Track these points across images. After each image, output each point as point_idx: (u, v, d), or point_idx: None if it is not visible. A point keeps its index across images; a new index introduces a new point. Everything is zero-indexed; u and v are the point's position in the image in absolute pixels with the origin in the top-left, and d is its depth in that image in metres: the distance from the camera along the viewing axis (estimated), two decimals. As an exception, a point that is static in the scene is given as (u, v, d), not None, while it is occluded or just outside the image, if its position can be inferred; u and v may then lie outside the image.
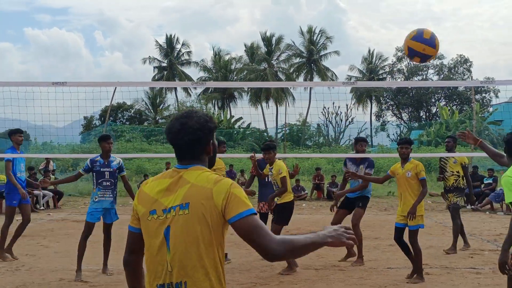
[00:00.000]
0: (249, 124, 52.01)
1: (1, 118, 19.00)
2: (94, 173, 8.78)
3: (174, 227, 2.75)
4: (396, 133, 63.67)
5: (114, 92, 23.33)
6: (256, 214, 2.72)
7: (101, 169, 8.77)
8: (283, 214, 9.11)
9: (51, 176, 21.07)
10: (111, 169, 8.84)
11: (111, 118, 52.48)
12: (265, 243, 2.62)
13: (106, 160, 8.88)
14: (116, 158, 9.08)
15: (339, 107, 59.74)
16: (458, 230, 10.74)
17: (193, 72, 79.86)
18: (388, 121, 69.47)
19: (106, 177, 8.78)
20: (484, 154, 6.24)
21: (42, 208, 19.16)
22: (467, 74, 65.48)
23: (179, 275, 2.74)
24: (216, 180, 2.78)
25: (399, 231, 8.35)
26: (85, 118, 59.08)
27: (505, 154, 5.51)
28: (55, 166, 22.87)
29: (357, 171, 9.60)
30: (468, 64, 67.15)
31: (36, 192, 18.88)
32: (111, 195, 8.84)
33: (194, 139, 2.87)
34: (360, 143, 10.35)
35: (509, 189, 4.96)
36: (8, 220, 9.96)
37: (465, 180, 11.06)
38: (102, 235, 8.67)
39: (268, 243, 2.62)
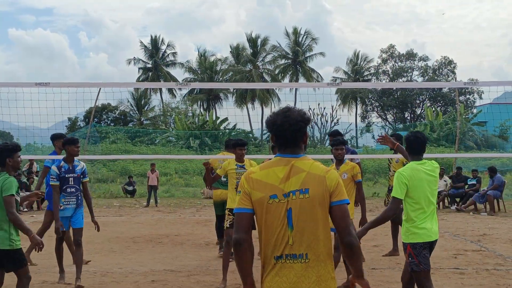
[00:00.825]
0: (235, 125, 51.94)
1: (-17, 119, 18.86)
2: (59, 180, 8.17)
3: (296, 208, 3.34)
4: (381, 134, 63.89)
5: (99, 93, 23.33)
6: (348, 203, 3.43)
7: (66, 175, 8.17)
8: None
9: (34, 177, 20.94)
10: (75, 175, 8.25)
11: (95, 119, 52.26)
12: (349, 228, 3.34)
13: (71, 164, 8.25)
14: (80, 163, 8.41)
15: (324, 108, 60.00)
16: (397, 230, 10.24)
17: (178, 73, 79.74)
18: (373, 122, 69.78)
19: (70, 183, 8.20)
20: (468, 155, 6.31)
21: (25, 209, 19.00)
22: (451, 76, 65.83)
23: (301, 248, 3.33)
24: (326, 169, 3.46)
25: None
26: (69, 119, 58.79)
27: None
28: (38, 168, 22.69)
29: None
30: (452, 66, 67.51)
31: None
32: (75, 202, 8.28)
33: (296, 129, 3.44)
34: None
35: (398, 185, 5.53)
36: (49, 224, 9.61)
37: None
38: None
39: (351, 229, 3.35)
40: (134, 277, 8.56)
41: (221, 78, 67.00)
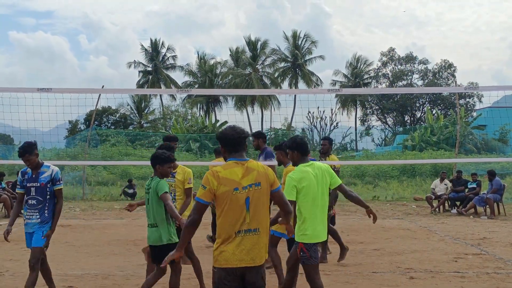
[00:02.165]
0: (234, 128, 51.84)
1: (-15, 122, 18.91)
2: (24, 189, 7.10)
3: (252, 197, 4.65)
4: (381, 138, 64.00)
5: (99, 97, 23.35)
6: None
7: (27, 184, 6.99)
8: None
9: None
10: (39, 184, 6.93)
11: (96, 122, 52.25)
12: (287, 201, 5.01)
13: (35, 172, 7.01)
14: (50, 168, 7.03)
15: (323, 112, 60.03)
16: (337, 233, 9.85)
17: (178, 76, 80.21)
18: (373, 126, 69.86)
19: (31, 194, 6.96)
20: (468, 160, 6.33)
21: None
22: (451, 79, 65.97)
23: (254, 224, 4.65)
24: (266, 167, 4.86)
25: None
26: (70, 122, 58.85)
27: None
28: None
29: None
30: (452, 69, 67.68)
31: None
32: (38, 217, 7.02)
33: (243, 139, 4.81)
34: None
35: (288, 188, 5.93)
36: None
37: None
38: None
39: (289, 205, 4.98)
40: (135, 280, 8.57)
41: (220, 82, 67.10)
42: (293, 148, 6.23)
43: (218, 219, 4.67)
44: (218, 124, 52.54)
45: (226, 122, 52.68)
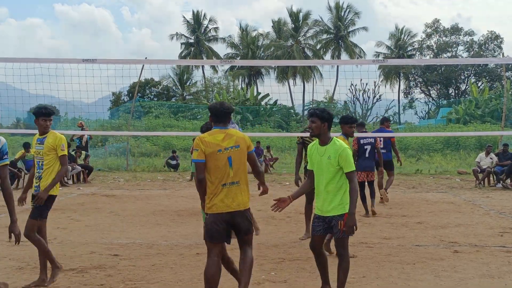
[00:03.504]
0: (276, 101, 51.70)
1: (32, 94, 19.24)
2: None
3: (233, 156, 5.65)
4: (424, 111, 63.07)
5: (142, 68, 23.48)
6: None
7: None
8: (41, 207, 6.85)
9: (82, 152, 21.32)
10: None
11: (139, 94, 52.74)
12: (258, 163, 6.04)
13: None
14: None
15: (366, 84, 59.26)
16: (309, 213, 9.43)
17: (220, 48, 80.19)
18: (416, 99, 68.85)
19: None
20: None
21: (70, 182, 19.41)
22: (497, 51, 64.42)
23: (236, 178, 5.67)
24: (243, 134, 5.93)
25: None
26: (113, 94, 59.50)
27: None
28: (88, 138, 23.08)
29: None
30: (499, 41, 66.06)
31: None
32: None
33: (228, 113, 5.85)
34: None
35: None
36: None
37: None
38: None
39: (259, 166, 6.08)
40: (179, 250, 8.69)
41: (262, 54, 66.85)
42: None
43: (208, 175, 5.65)
44: (260, 97, 52.45)
45: (268, 94, 52.57)
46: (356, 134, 11.50)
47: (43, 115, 6.91)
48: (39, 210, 6.81)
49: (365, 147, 12.12)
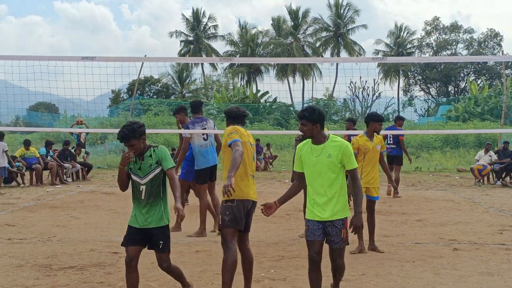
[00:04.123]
0: (275, 98, 51.63)
1: (31, 92, 19.22)
2: None
3: (252, 151, 6.19)
4: (424, 108, 63.05)
5: (142, 66, 23.47)
6: None
7: None
8: None
9: (82, 150, 21.32)
10: None
11: (138, 91, 52.69)
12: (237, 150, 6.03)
13: None
14: None
15: (366, 82, 59.22)
16: None
17: (220, 46, 79.90)
18: (416, 96, 68.81)
19: None
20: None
21: (70, 180, 19.40)
22: (497, 48, 64.38)
23: (253, 172, 6.10)
24: (249, 133, 6.36)
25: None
26: (113, 91, 59.44)
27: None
28: (86, 135, 23.10)
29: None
30: (498, 38, 66.01)
31: (66, 165, 19.16)
32: None
33: (244, 115, 6.51)
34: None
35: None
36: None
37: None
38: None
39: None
40: (178, 247, 8.69)
41: (262, 51, 66.79)
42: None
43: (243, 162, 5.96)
44: (259, 94, 52.41)
45: (267, 92, 52.51)
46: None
47: None
48: None
49: None
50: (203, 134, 10.06)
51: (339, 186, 5.42)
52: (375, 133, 8.66)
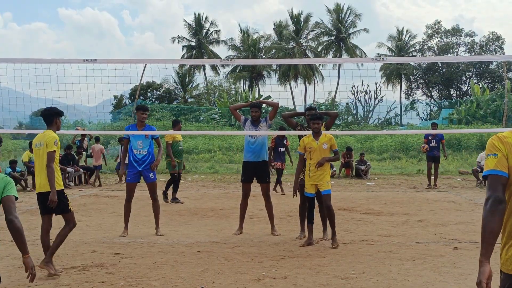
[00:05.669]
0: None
1: (33, 97, 19.28)
2: None
3: None
4: (426, 112, 63.04)
5: (144, 70, 23.48)
6: None
7: None
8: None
9: (83, 152, 21.35)
10: None
11: (140, 97, 52.80)
12: None
13: None
14: None
15: (368, 86, 59.24)
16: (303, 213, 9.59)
17: (222, 50, 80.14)
18: (418, 100, 68.79)
19: None
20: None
21: (72, 184, 19.46)
22: (499, 51, 64.35)
23: None
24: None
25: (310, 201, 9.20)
26: (115, 97, 59.58)
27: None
28: (88, 139, 23.15)
29: None
30: (500, 42, 66.02)
31: (69, 169, 19.22)
32: None
33: None
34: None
35: None
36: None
37: None
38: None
39: None
40: (180, 248, 8.73)
41: (264, 56, 66.86)
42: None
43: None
44: (261, 99, 52.44)
45: (269, 96, 52.53)
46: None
47: None
48: None
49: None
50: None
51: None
52: (323, 133, 9.04)
